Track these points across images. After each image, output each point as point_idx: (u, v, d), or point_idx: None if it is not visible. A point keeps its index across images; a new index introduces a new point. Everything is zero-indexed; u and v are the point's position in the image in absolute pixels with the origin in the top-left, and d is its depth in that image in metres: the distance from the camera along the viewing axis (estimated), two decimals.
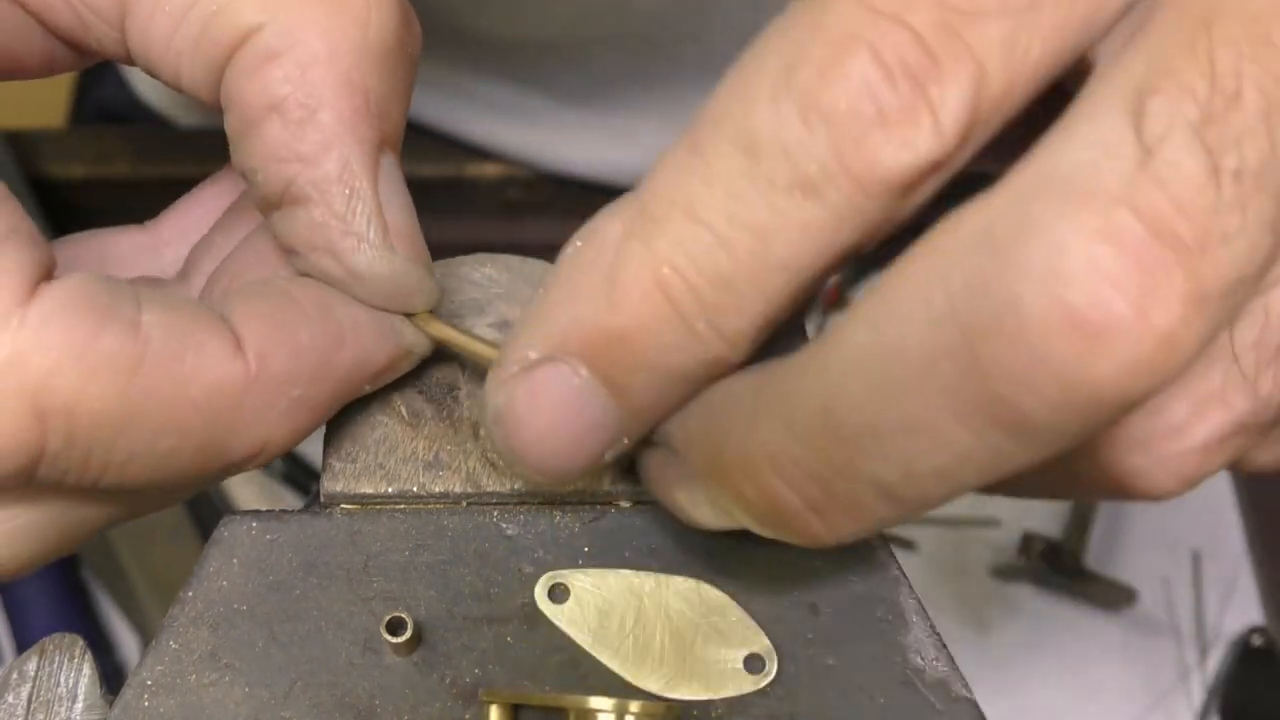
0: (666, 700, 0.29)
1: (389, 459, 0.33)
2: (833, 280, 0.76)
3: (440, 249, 0.33)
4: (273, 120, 0.29)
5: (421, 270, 0.30)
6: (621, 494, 0.32)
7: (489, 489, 0.32)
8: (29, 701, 0.30)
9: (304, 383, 0.29)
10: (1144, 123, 0.22)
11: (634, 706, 0.28)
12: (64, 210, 0.81)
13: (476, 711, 0.29)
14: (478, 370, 0.34)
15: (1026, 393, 0.22)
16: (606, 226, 0.26)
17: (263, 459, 0.30)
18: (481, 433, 0.31)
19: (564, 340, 0.26)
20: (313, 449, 0.82)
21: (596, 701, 0.28)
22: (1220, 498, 0.81)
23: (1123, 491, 0.29)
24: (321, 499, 0.33)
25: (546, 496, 0.32)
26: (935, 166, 0.24)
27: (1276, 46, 0.23)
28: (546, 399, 0.26)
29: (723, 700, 0.30)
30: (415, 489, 0.32)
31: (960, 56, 0.24)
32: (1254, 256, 0.22)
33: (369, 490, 0.32)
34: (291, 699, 0.30)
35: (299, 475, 0.78)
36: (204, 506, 0.76)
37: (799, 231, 0.24)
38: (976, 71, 0.24)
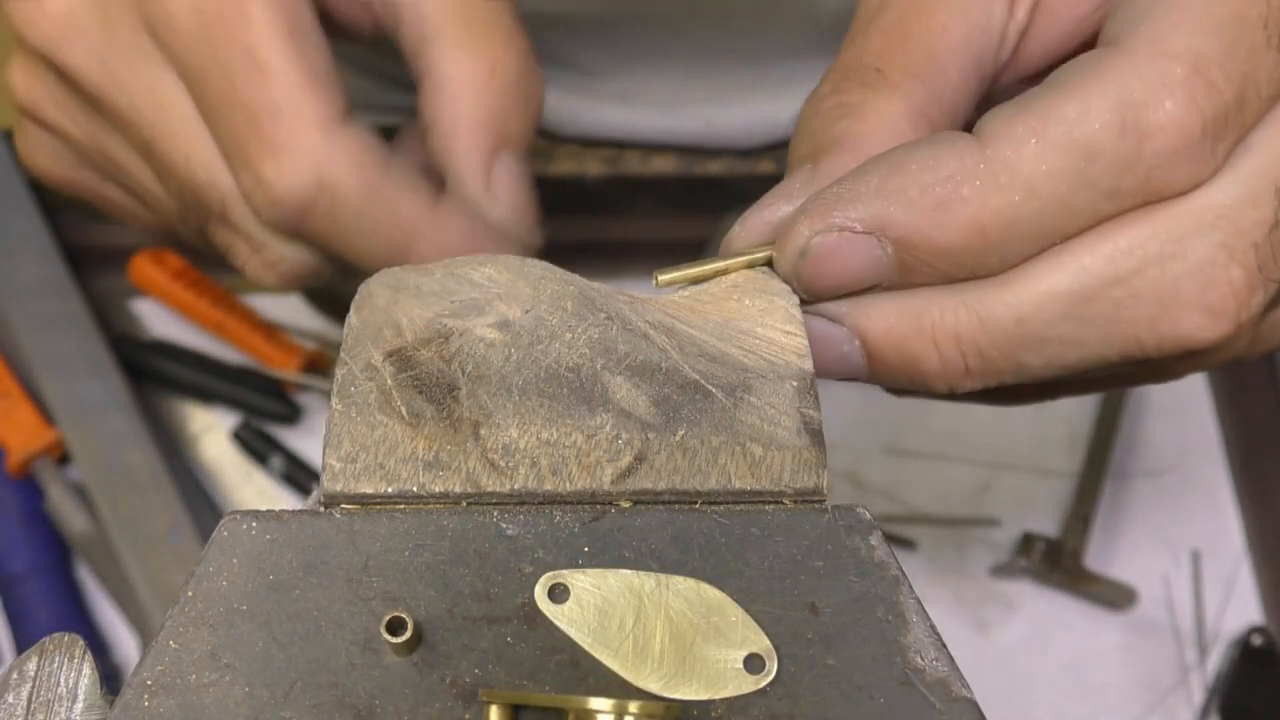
0: (666, 700, 0.29)
1: (389, 459, 0.33)
2: None
3: None
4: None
5: (514, 220, 0.47)
6: (621, 494, 0.33)
7: (489, 489, 0.32)
8: (29, 701, 0.30)
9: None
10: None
11: (633, 707, 0.28)
12: (64, 210, 0.81)
13: (476, 712, 0.29)
14: (479, 373, 0.34)
15: (1155, 339, 0.34)
16: (949, 160, 0.34)
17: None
18: (769, 254, 0.38)
19: (888, 228, 0.34)
20: (315, 447, 0.82)
21: (596, 702, 0.28)
22: (1220, 498, 0.81)
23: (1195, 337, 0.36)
24: (321, 499, 0.33)
25: (546, 496, 0.32)
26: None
27: None
28: (851, 253, 0.35)
29: (722, 700, 0.30)
30: (415, 489, 0.32)
31: (1240, 127, 0.34)
32: None
33: (369, 490, 0.32)
34: (291, 699, 0.30)
35: (299, 475, 0.78)
36: (204, 507, 0.76)
37: (1090, 217, 0.34)
38: (1239, 140, 0.34)
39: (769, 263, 0.37)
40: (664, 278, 0.38)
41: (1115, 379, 0.42)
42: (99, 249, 0.82)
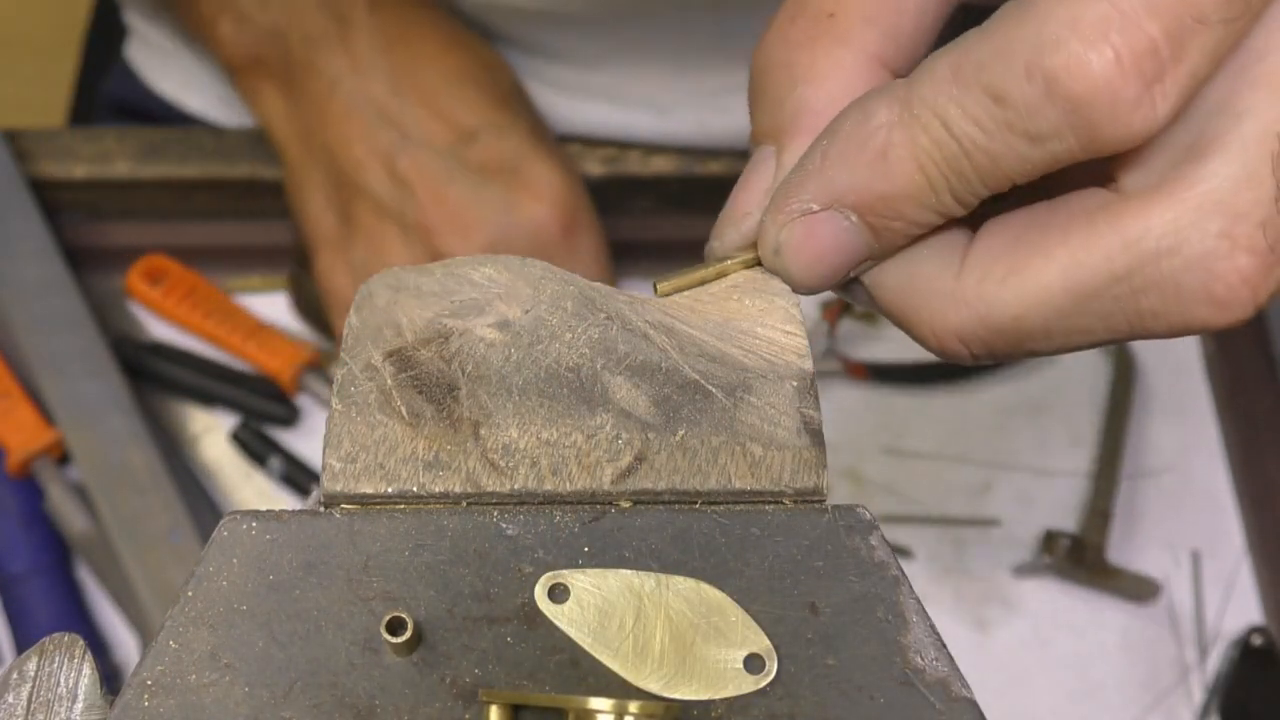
0: (666, 700, 0.29)
1: (389, 459, 0.33)
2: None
3: None
4: None
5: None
6: (621, 494, 0.33)
7: (489, 489, 0.32)
8: (29, 701, 0.30)
9: None
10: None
11: (633, 707, 0.28)
12: (64, 210, 0.81)
13: (476, 712, 0.29)
14: (479, 373, 0.34)
15: (1162, 324, 0.34)
16: (878, 110, 0.34)
17: None
18: (755, 258, 0.38)
19: (841, 196, 0.35)
20: (313, 449, 0.81)
21: (596, 702, 0.28)
22: (1220, 498, 0.81)
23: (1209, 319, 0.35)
24: (321, 499, 0.33)
25: (546, 496, 0.32)
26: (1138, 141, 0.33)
27: None
28: (821, 235, 0.36)
29: (722, 700, 0.30)
30: (415, 489, 0.32)
31: (1183, 62, 0.32)
32: None
33: (369, 490, 0.32)
34: (291, 699, 0.30)
35: (298, 476, 0.78)
36: (204, 507, 0.76)
37: (1019, 161, 0.33)
38: (1191, 78, 0.32)
39: (759, 262, 0.38)
40: (664, 286, 0.38)
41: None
42: (99, 249, 0.82)
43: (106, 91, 0.91)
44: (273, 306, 0.83)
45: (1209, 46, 0.32)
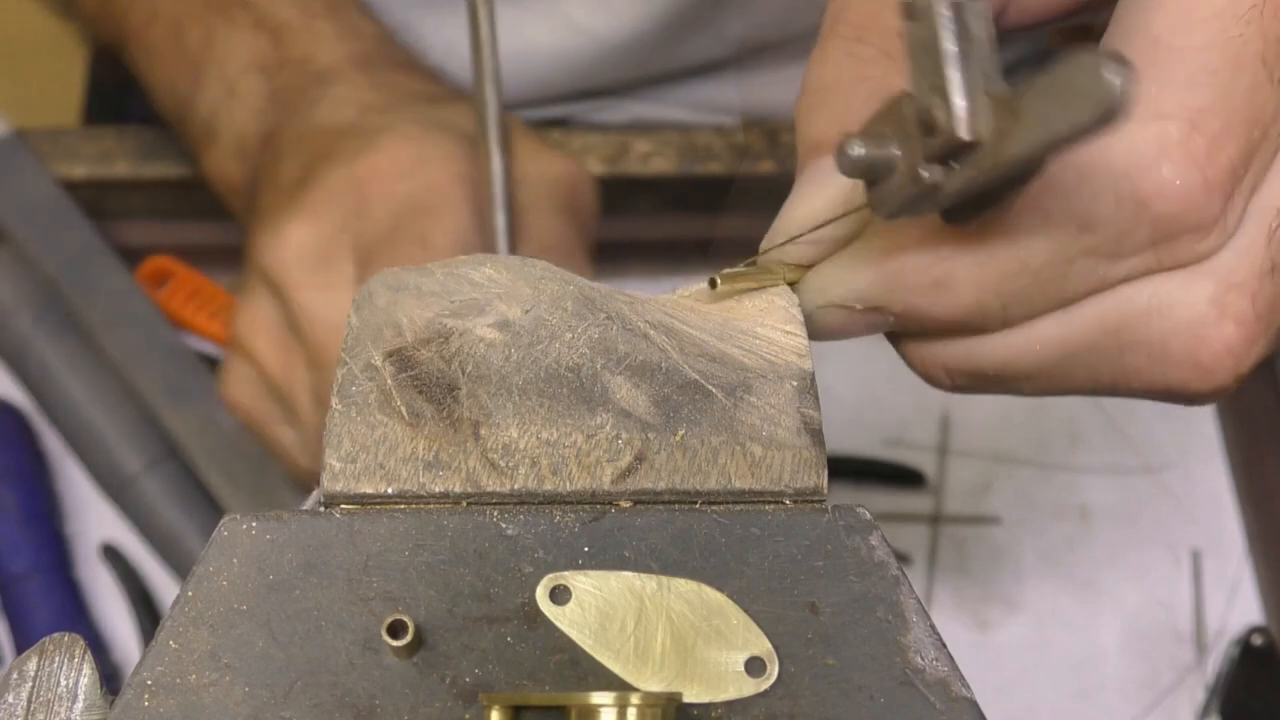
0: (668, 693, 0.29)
1: (389, 459, 0.33)
2: None
3: None
4: None
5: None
6: (621, 494, 0.32)
7: (489, 489, 0.32)
8: (29, 701, 0.30)
9: None
10: (1275, 238, 0.33)
11: (635, 699, 0.28)
12: (64, 210, 0.81)
13: (477, 711, 0.29)
14: (479, 373, 0.34)
15: (1139, 385, 0.35)
16: (942, 239, 0.33)
17: None
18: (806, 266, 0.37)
19: (888, 306, 0.35)
20: None
21: (598, 696, 0.28)
22: (1220, 498, 0.81)
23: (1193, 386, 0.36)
24: (321, 499, 0.33)
25: (546, 496, 0.32)
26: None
27: None
28: (853, 323, 0.36)
29: (723, 700, 0.30)
30: (415, 489, 0.32)
31: (1249, 177, 0.33)
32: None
33: (369, 490, 0.32)
34: (291, 699, 0.30)
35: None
36: (205, 507, 0.76)
37: (1094, 281, 0.33)
38: (1252, 189, 0.33)
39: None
40: (723, 288, 0.37)
41: None
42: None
43: (135, 103, 0.91)
44: None
45: (1266, 158, 0.33)
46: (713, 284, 0.37)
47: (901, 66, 0.34)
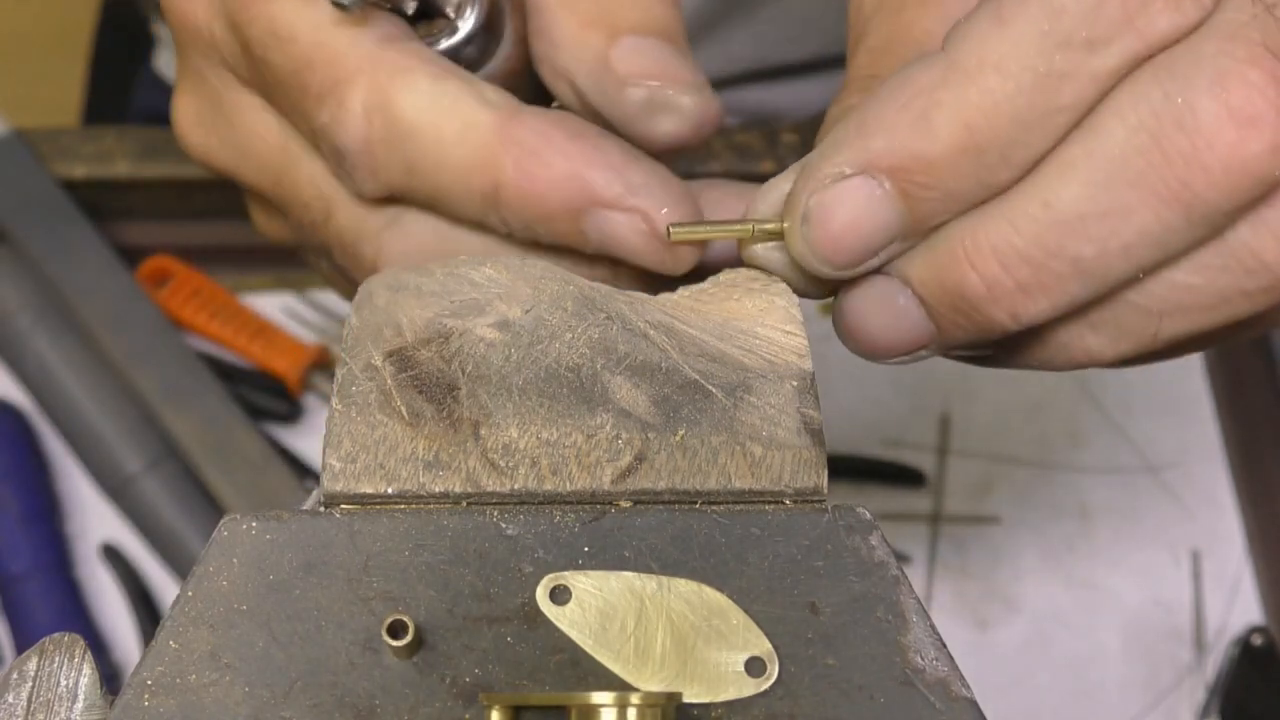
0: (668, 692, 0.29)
1: (389, 459, 0.33)
2: None
3: None
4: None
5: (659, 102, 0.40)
6: (621, 494, 0.33)
7: (489, 489, 0.32)
8: (29, 701, 0.30)
9: None
10: None
11: (635, 698, 0.28)
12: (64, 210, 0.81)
13: (477, 711, 0.29)
14: (479, 373, 0.34)
15: (1198, 172, 0.31)
16: (920, 76, 0.33)
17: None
18: (782, 226, 0.36)
19: (877, 160, 0.33)
20: (313, 449, 0.81)
21: (598, 696, 0.28)
22: (1220, 497, 0.81)
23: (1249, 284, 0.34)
24: (321, 499, 0.33)
25: (546, 496, 0.32)
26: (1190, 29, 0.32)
27: None
28: (852, 203, 0.34)
29: (723, 700, 0.30)
30: (415, 489, 0.32)
31: None
32: None
33: (369, 490, 0.32)
34: (291, 699, 0.30)
35: (298, 475, 0.78)
36: (205, 507, 0.76)
37: (1083, 82, 0.32)
38: None
39: (781, 234, 0.36)
40: (678, 232, 0.37)
41: (1228, 304, 0.36)
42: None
43: (137, 102, 0.91)
44: (278, 306, 0.83)
45: None
46: (668, 233, 0.37)
47: None
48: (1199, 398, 0.84)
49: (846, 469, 0.81)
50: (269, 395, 0.80)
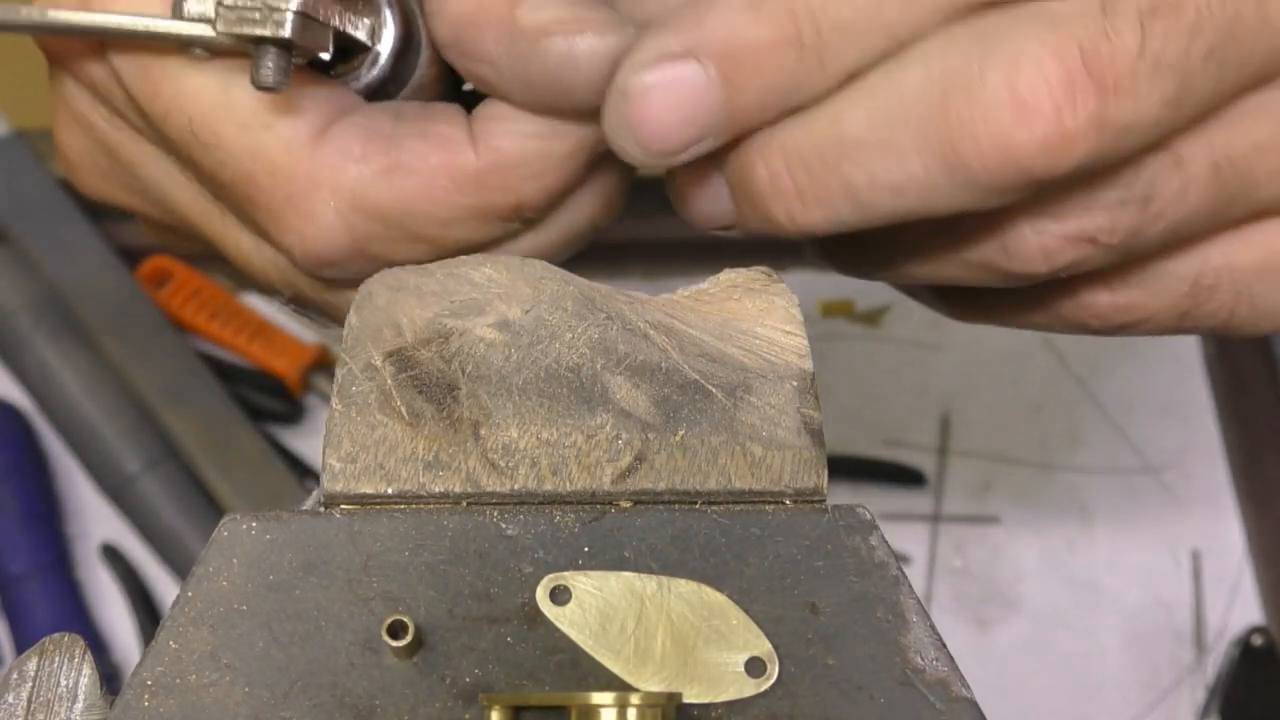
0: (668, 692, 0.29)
1: (389, 459, 0.33)
2: None
3: None
4: None
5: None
6: (621, 494, 0.33)
7: (489, 489, 0.32)
8: (29, 701, 0.30)
9: None
10: None
11: (635, 699, 0.28)
12: (64, 210, 0.81)
13: (477, 712, 0.29)
14: (479, 373, 0.34)
15: (968, 142, 0.31)
16: None
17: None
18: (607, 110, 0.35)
19: (705, 43, 0.33)
20: (313, 449, 0.82)
21: (598, 696, 0.28)
22: (1220, 498, 0.81)
23: (1001, 262, 0.35)
24: (321, 499, 0.33)
25: (546, 496, 0.32)
26: None
27: None
28: (673, 85, 0.33)
29: (723, 700, 0.30)
30: (415, 489, 0.32)
31: None
32: (1144, 116, 0.31)
33: (369, 490, 0.32)
34: (291, 699, 0.30)
35: (298, 475, 0.78)
36: (205, 507, 0.76)
37: (916, 3, 0.32)
38: None
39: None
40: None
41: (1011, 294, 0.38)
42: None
43: None
44: (277, 306, 0.83)
45: None
46: None
47: None
48: (1199, 398, 0.84)
49: (846, 469, 0.81)
50: (269, 395, 0.80)
